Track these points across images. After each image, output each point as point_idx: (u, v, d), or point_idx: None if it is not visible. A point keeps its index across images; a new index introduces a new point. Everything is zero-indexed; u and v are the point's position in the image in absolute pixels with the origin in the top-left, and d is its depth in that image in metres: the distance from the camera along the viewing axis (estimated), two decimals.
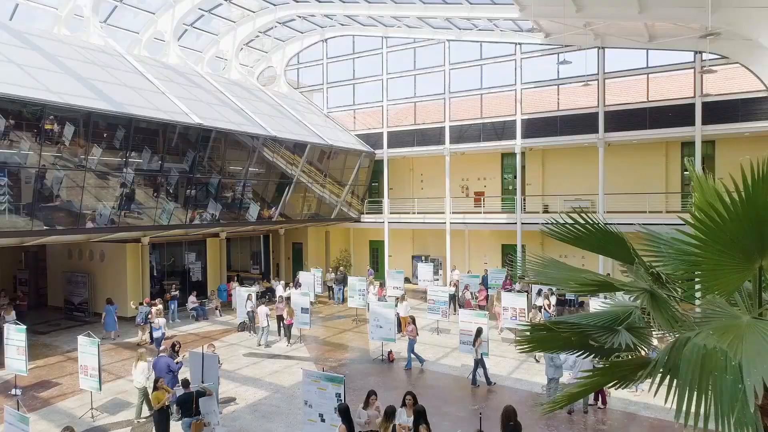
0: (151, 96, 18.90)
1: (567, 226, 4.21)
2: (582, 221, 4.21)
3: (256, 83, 29.55)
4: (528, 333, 4.34)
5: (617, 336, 4.14)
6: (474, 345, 13.32)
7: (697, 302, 3.86)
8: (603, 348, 4.00)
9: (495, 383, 13.35)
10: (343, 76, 29.93)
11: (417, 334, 15.08)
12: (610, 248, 4.07)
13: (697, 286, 3.98)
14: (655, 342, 8.64)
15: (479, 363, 13.30)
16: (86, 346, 11.26)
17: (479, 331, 13.41)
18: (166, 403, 9.40)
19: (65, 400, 12.48)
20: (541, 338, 4.37)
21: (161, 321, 16.59)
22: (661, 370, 3.19)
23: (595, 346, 3.96)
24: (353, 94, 29.75)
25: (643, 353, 4.15)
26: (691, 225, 3.53)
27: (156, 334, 16.36)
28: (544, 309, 18.05)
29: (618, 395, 12.20)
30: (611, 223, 4.29)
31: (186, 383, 9.43)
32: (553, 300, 18.02)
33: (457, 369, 14.53)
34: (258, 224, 23.76)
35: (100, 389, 11.24)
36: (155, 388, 9.55)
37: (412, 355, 14.83)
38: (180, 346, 12.48)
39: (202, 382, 9.75)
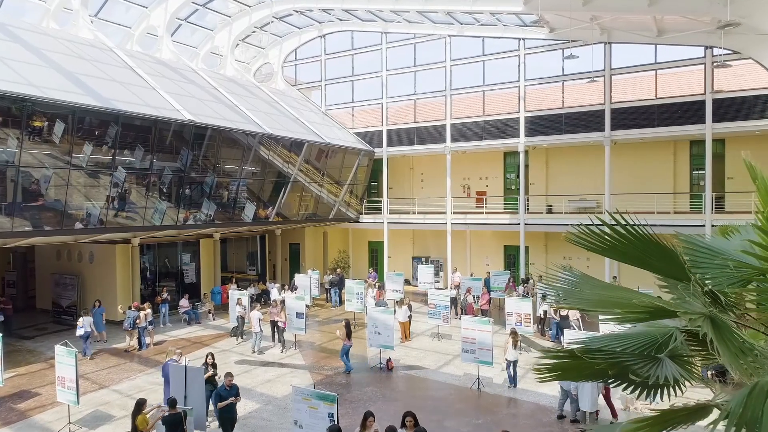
0: (141, 92, 18.18)
1: (597, 232, 3.47)
2: (617, 226, 3.47)
3: (252, 80, 28.82)
4: (550, 360, 3.63)
5: (660, 367, 3.43)
6: (515, 347, 13.12)
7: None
8: (646, 383, 3.29)
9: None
10: (342, 72, 29.20)
11: (348, 340, 14.39)
12: (652, 261, 3.35)
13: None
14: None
15: (514, 364, 13.15)
16: (63, 356, 10.53)
17: (514, 331, 13.62)
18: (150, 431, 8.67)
19: (43, 412, 11.75)
20: (567, 367, 3.64)
21: (86, 320, 15.87)
22: (735, 423, 2.46)
23: (637, 381, 3.24)
24: (352, 91, 29.02)
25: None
26: (761, 231, 2.82)
27: (78, 332, 15.76)
28: (550, 315, 17.36)
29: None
30: (653, 224, 3.55)
31: (173, 402, 8.65)
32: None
33: (460, 378, 13.80)
34: (254, 224, 23.05)
35: (78, 403, 10.51)
36: (138, 411, 8.77)
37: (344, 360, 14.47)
38: (213, 359, 11.38)
39: (185, 401, 8.98)
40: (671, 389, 3.49)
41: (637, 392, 3.57)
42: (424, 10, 23.79)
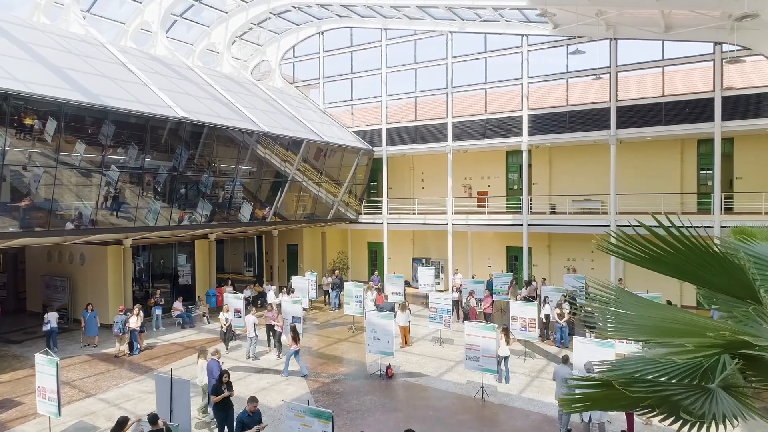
0: (132, 88, 17.59)
1: (638, 241, 2.91)
2: (657, 228, 2.91)
3: (249, 77, 28.23)
4: (581, 390, 3.07)
5: (713, 401, 2.86)
6: (507, 343, 13.19)
7: None
8: (700, 421, 2.72)
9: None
10: (341, 70, 28.62)
11: (296, 343, 14.04)
12: (707, 276, 2.78)
13: None
14: None
15: (506, 360, 13.16)
16: (44, 365, 9.94)
17: (506, 328, 13.88)
18: None
19: (25, 423, 11.15)
20: (599, 397, 3.08)
21: (52, 315, 16.62)
22: None
23: (691, 420, 2.67)
24: (351, 89, 28.45)
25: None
26: None
27: (44, 328, 16.54)
28: (554, 319, 16.79)
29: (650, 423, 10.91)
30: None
31: (154, 419, 8.06)
32: (566, 308, 16.67)
33: (462, 386, 13.20)
34: (250, 225, 22.46)
35: (59, 415, 9.91)
36: (118, 430, 8.12)
37: (299, 364, 14.18)
38: (229, 378, 10.24)
39: (171, 415, 8.38)
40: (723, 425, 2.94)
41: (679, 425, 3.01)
42: (425, 5, 23.20)
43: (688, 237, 2.74)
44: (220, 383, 10.06)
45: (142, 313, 16.71)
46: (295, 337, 14.06)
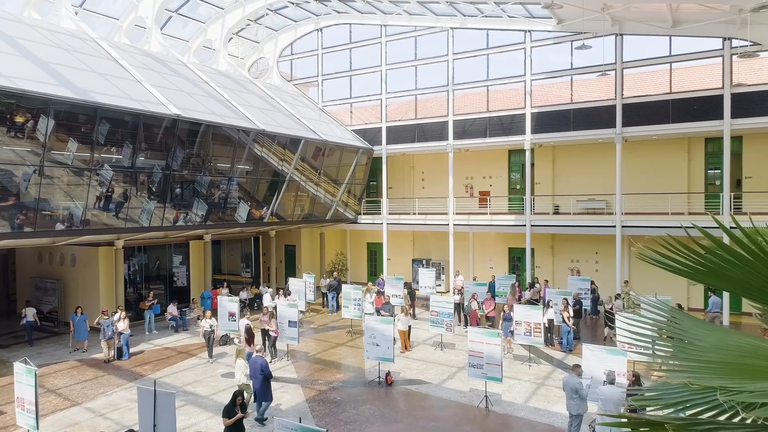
0: (124, 84, 17.04)
1: (693, 250, 2.36)
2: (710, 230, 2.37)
3: (245, 74, 27.67)
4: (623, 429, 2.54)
5: None
6: None
7: None
8: None
9: None
10: (340, 67, 28.07)
11: (249, 346, 13.67)
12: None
13: None
14: None
15: None
16: (22, 375, 9.38)
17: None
18: None
19: None
20: None
21: (29, 310, 17.11)
22: None
23: None
24: (350, 87, 27.90)
25: None
26: None
27: (22, 322, 17.05)
28: (559, 323, 16.25)
29: None
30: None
31: None
32: (570, 311, 16.12)
33: (465, 394, 12.64)
34: (247, 225, 21.91)
35: (37, 427, 9.35)
36: None
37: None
38: (243, 399, 9.59)
39: (154, 431, 7.82)
40: None
41: None
42: (426, 0, 22.66)
43: (759, 244, 2.19)
44: (233, 405, 9.30)
45: (126, 319, 16.06)
46: (249, 339, 13.59)
